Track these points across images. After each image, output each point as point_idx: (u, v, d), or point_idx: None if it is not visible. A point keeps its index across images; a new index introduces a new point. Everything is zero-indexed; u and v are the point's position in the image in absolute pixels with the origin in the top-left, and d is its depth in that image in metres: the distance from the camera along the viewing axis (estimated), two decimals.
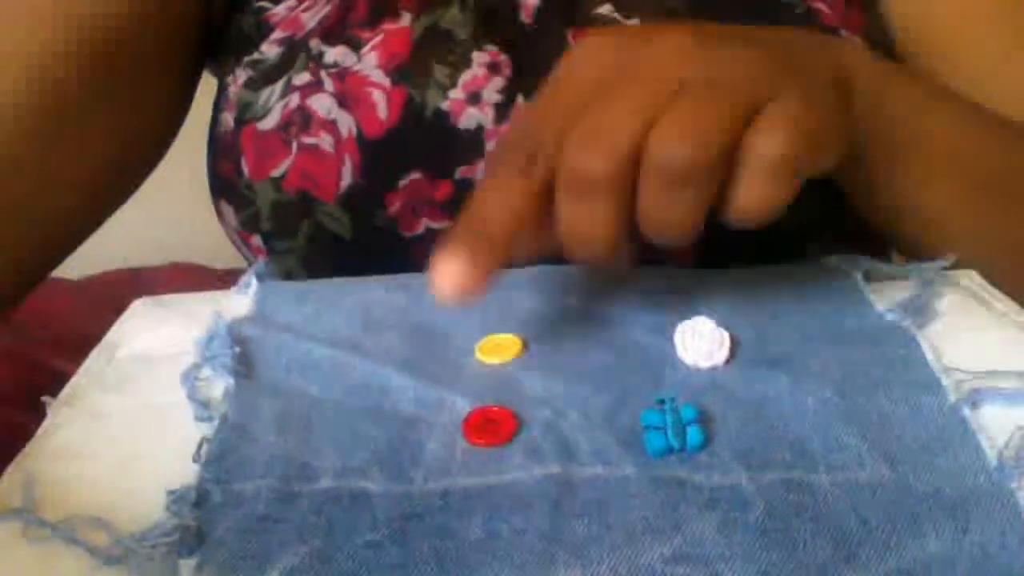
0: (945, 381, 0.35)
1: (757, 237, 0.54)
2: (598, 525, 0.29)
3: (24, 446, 0.35)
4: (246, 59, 0.55)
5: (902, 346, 0.37)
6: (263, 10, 0.56)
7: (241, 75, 0.54)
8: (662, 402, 0.33)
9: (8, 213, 0.47)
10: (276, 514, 0.31)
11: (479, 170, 0.50)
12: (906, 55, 0.55)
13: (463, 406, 0.35)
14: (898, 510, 0.29)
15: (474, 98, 0.50)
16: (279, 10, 0.55)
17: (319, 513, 0.31)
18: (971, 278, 0.42)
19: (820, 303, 0.40)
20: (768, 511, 0.30)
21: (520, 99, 0.50)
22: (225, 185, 0.55)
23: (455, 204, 0.50)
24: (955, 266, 0.42)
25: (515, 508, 0.30)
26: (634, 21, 0.52)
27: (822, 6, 0.54)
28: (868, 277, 0.42)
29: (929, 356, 0.36)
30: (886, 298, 0.40)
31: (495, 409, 0.34)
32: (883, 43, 0.55)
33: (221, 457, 0.33)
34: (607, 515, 0.30)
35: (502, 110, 0.50)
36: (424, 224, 0.51)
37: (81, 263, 0.64)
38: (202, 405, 0.35)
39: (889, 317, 0.39)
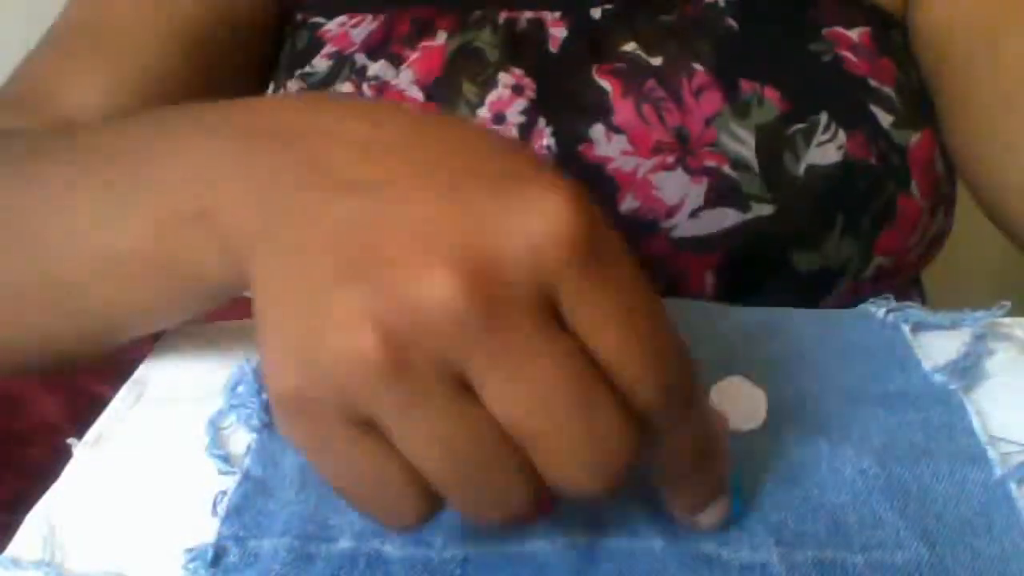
0: (991, 453, 0.33)
1: (782, 276, 0.52)
2: None
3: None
4: (298, 72, 0.56)
5: (948, 412, 0.35)
6: (317, 26, 0.57)
7: (293, 86, 0.56)
8: None
9: None
10: (291, 575, 0.30)
11: None
12: (954, 55, 0.53)
13: None
14: None
15: (499, 119, 0.51)
16: (331, 26, 0.57)
17: None
18: None
19: (865, 359, 0.39)
20: None
21: (542, 122, 0.51)
22: None
23: None
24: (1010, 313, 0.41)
25: None
26: (658, 60, 0.52)
27: (850, 55, 0.53)
28: (916, 328, 0.41)
29: (976, 424, 0.35)
30: (935, 353, 0.39)
31: None
32: (915, 91, 0.54)
33: (240, 512, 0.33)
34: None
35: (524, 131, 0.51)
36: None
37: None
38: (223, 458, 0.35)
39: (936, 379, 0.37)
